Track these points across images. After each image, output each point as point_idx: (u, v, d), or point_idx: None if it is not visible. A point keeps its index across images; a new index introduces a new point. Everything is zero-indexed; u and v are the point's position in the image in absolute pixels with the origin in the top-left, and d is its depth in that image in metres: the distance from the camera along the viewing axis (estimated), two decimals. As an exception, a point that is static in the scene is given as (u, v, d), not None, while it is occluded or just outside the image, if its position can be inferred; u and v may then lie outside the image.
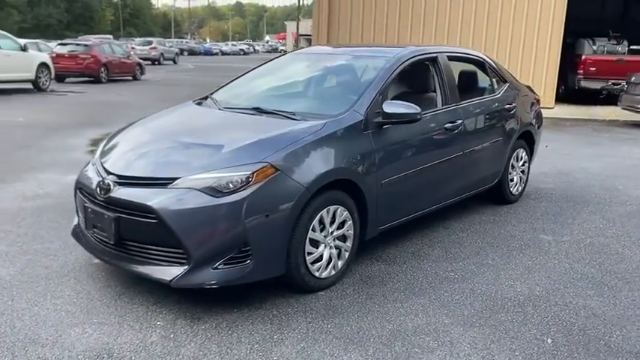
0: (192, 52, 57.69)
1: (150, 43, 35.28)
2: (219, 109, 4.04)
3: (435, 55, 4.47)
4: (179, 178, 3.02)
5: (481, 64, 5.14)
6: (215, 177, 2.99)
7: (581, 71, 14.00)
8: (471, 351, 2.80)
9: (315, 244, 3.30)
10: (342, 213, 3.44)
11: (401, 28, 13.78)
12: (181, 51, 56.27)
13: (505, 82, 5.24)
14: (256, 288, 3.31)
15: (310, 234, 3.24)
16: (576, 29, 13.94)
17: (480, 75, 5.13)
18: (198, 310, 3.12)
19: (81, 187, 3.44)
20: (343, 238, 3.51)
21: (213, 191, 2.95)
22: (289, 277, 3.23)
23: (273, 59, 4.95)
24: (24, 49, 15.78)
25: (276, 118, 3.66)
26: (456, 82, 4.58)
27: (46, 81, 16.35)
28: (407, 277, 3.68)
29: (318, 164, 3.25)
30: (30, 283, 3.40)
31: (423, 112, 3.79)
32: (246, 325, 2.98)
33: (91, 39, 25.54)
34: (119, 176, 3.18)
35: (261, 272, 3.10)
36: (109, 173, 3.23)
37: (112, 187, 3.13)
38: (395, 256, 4.02)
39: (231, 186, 2.96)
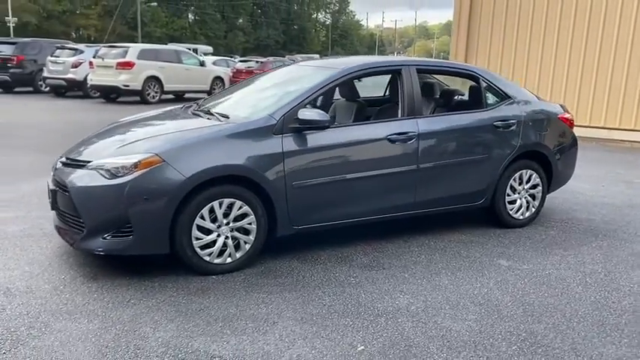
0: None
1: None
2: (191, 112, 4.63)
3: (397, 67, 4.51)
4: (91, 161, 3.70)
5: (474, 79, 4.94)
6: (112, 162, 3.61)
7: None
8: (292, 339, 2.97)
9: (206, 231, 3.70)
10: (241, 207, 3.78)
11: (545, 53, 12.82)
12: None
13: (507, 98, 4.95)
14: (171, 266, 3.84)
15: (199, 221, 3.66)
16: None
17: (474, 89, 4.96)
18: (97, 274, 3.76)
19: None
20: (245, 230, 3.84)
21: (109, 174, 3.56)
22: (178, 258, 3.69)
23: (274, 71, 5.40)
24: (202, 64, 18.29)
25: (210, 120, 4.14)
26: (420, 94, 4.53)
27: (218, 92, 18.68)
28: (306, 276, 3.86)
29: (207, 159, 3.65)
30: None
31: (359, 122, 3.93)
32: (128, 292, 3.52)
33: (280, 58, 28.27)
34: (66, 158, 3.97)
35: (144, 248, 3.62)
36: (62, 156, 4.05)
37: (57, 165, 3.94)
38: (319, 258, 4.19)
39: (121, 171, 3.54)
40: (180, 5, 68.41)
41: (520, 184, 5.00)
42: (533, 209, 5.13)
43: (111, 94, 16.68)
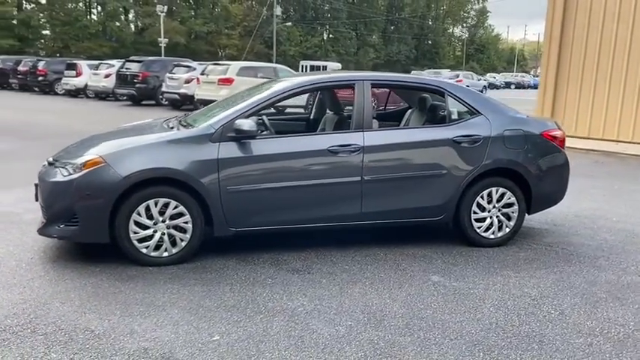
0: (519, 86, 56.86)
1: (457, 76, 36.77)
2: (166, 123, 5.04)
3: (351, 82, 4.67)
4: (58, 161, 4.37)
5: (440, 94, 4.90)
6: (70, 162, 4.24)
7: None
8: (164, 324, 3.34)
9: (144, 226, 4.18)
10: (177, 207, 4.21)
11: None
12: (508, 84, 56.12)
13: (476, 113, 4.84)
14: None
15: (136, 217, 4.15)
16: None
17: (436, 104, 4.92)
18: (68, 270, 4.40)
19: None
20: (181, 229, 4.26)
21: (67, 172, 4.19)
22: (118, 248, 4.20)
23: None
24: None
25: (172, 129, 4.61)
26: (371, 108, 4.63)
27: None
28: (230, 274, 4.17)
29: (143, 162, 4.14)
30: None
31: (305, 133, 4.17)
32: (65, 271, 4.11)
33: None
34: (51, 158, 4.70)
35: (87, 236, 4.20)
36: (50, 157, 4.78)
37: (44, 164, 4.68)
38: (257, 259, 4.47)
39: (72, 170, 4.15)
40: (315, 24, 71.29)
41: (490, 202, 4.85)
42: (507, 229, 4.92)
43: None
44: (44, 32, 55.33)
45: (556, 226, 5.68)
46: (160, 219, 4.21)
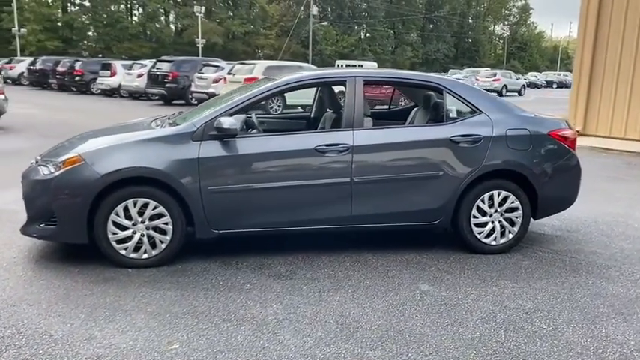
0: (561, 85, 55.16)
1: (494, 74, 35.91)
2: (153, 122, 4.91)
3: (342, 79, 4.46)
4: (42, 159, 4.31)
5: (438, 91, 4.62)
6: (51, 160, 4.16)
7: None
8: (125, 329, 3.22)
9: (122, 227, 4.07)
10: (156, 207, 4.08)
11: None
12: (550, 83, 54.59)
13: (477, 112, 4.54)
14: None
15: (114, 217, 4.04)
16: None
17: (434, 102, 4.64)
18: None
19: None
20: (161, 230, 4.14)
21: (48, 171, 4.12)
22: (98, 248, 4.11)
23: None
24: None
25: (159, 126, 4.49)
26: (363, 106, 4.39)
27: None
28: (209, 278, 4.01)
29: (121, 160, 4.02)
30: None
31: (291, 132, 4.02)
32: (44, 273, 4.04)
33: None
34: (40, 156, 4.65)
35: (66, 237, 4.12)
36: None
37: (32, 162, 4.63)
38: (240, 263, 4.30)
39: (53, 168, 4.08)
40: (352, 23, 70.96)
41: (491, 206, 4.54)
42: (511, 235, 4.61)
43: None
44: (88, 34, 56.83)
45: (569, 232, 5.31)
46: (139, 220, 4.09)
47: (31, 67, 29.11)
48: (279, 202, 4.25)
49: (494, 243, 4.60)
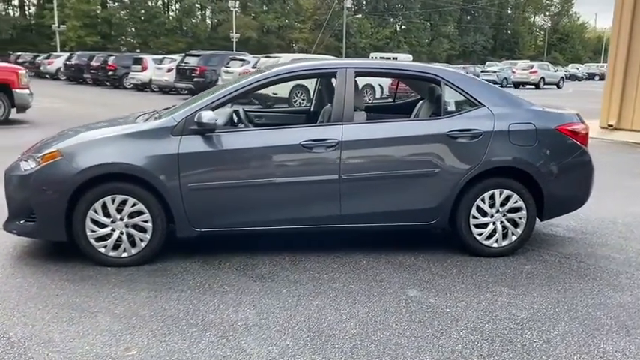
0: (603, 77, 53.15)
1: (531, 67, 34.87)
2: (140, 116, 4.78)
3: (332, 70, 4.22)
4: (26, 154, 4.23)
5: (436, 82, 4.32)
6: (32, 155, 4.07)
7: None
8: (87, 332, 3.09)
9: (101, 225, 3.95)
10: (135, 204, 3.94)
11: None
12: (591, 75, 52.83)
13: (477, 105, 4.24)
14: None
15: (92, 214, 3.92)
16: None
17: (431, 94, 4.35)
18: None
19: None
20: (141, 228, 4.00)
21: (28, 166, 4.03)
22: (77, 246, 4.00)
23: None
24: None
25: (143, 119, 4.37)
26: (353, 99, 4.15)
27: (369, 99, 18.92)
28: (188, 278, 3.85)
29: (100, 156, 3.89)
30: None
31: (275, 127, 3.85)
32: (21, 270, 3.96)
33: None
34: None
35: (45, 234, 4.03)
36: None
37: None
38: (223, 263, 4.12)
39: (34, 164, 3.99)
40: (387, 15, 70.13)
41: (492, 206, 4.24)
42: (514, 237, 4.29)
43: (267, 102, 17.96)
44: (126, 29, 57.89)
45: (583, 234, 4.95)
46: (118, 217, 3.96)
47: (67, 63, 29.75)
48: (263, 200, 4.06)
49: (495, 245, 4.30)
